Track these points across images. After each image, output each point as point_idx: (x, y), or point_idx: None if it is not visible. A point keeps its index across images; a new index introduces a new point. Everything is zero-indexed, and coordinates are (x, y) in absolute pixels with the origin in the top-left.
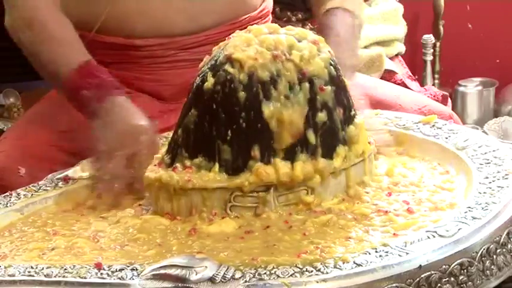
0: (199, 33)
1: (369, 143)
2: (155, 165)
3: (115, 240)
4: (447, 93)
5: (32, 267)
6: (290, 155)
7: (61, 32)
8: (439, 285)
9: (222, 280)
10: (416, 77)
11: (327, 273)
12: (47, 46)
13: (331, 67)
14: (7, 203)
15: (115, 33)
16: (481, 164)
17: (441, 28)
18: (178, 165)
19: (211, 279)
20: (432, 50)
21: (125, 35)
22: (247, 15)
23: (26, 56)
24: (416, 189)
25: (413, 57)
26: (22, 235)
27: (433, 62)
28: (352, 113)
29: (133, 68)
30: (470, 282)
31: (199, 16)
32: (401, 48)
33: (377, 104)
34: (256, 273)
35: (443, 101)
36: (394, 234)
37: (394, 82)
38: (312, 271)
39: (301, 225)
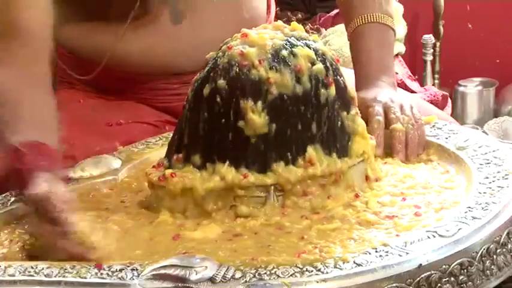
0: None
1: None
2: (154, 166)
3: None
4: (447, 93)
5: (32, 267)
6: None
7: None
8: (439, 285)
9: (222, 280)
10: (416, 77)
11: (327, 273)
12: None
13: (330, 68)
14: (7, 203)
15: (120, 69)
16: (481, 164)
17: (441, 28)
18: (177, 166)
19: (212, 279)
20: (432, 50)
21: (129, 71)
22: None
23: None
24: (423, 191)
25: (413, 57)
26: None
27: (433, 62)
28: (352, 113)
29: (135, 97)
30: (470, 282)
31: (205, 56)
32: (401, 48)
33: None
34: (257, 273)
35: (443, 101)
36: (396, 235)
37: None
38: (312, 271)
39: (302, 231)
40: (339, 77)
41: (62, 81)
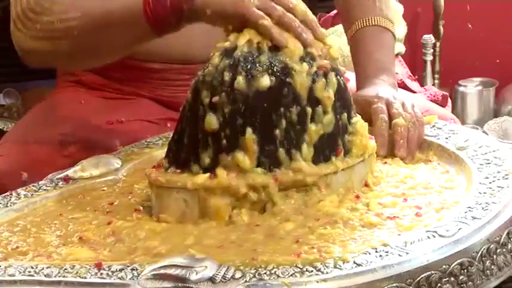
0: None
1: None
2: (154, 166)
3: (99, 241)
4: (447, 93)
5: (32, 267)
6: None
7: None
8: (439, 285)
9: (222, 280)
10: (416, 77)
11: (327, 273)
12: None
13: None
14: (7, 203)
15: (133, 57)
16: (481, 164)
17: (441, 28)
18: (176, 167)
19: (212, 279)
20: (432, 50)
21: (142, 59)
22: None
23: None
24: (424, 192)
25: (413, 57)
26: (3, 237)
27: (433, 62)
28: (352, 113)
29: (144, 86)
30: (470, 282)
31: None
32: (401, 48)
33: None
34: (257, 273)
35: (443, 101)
36: (398, 235)
37: None
38: (312, 271)
39: (302, 232)
40: (338, 77)
41: (64, 81)
